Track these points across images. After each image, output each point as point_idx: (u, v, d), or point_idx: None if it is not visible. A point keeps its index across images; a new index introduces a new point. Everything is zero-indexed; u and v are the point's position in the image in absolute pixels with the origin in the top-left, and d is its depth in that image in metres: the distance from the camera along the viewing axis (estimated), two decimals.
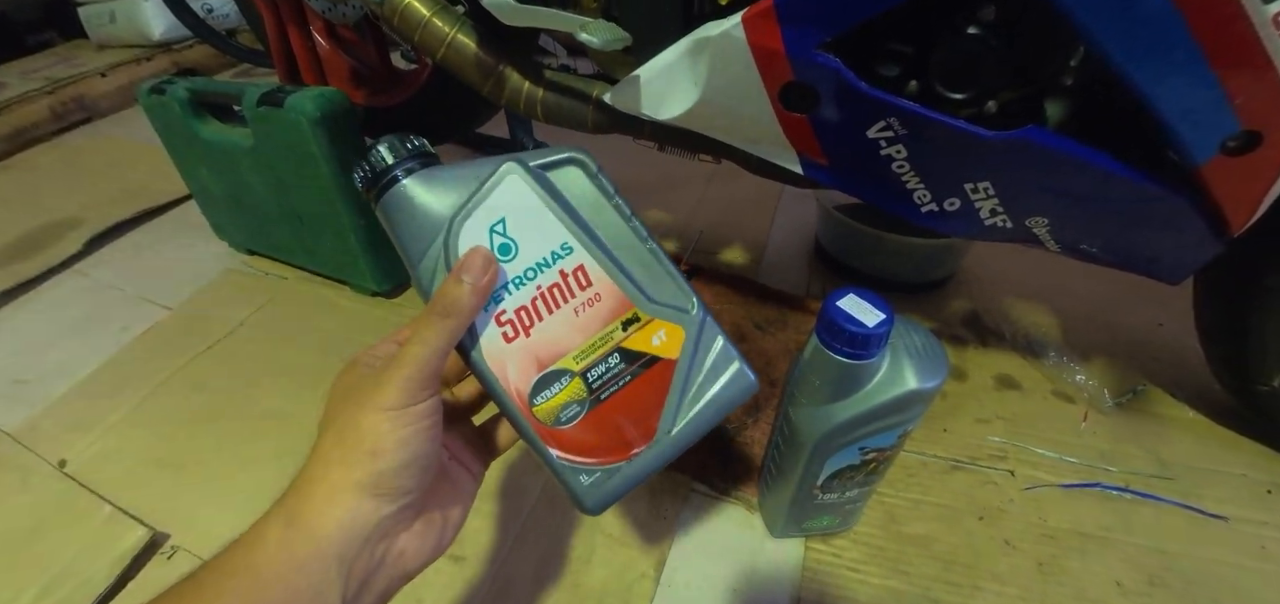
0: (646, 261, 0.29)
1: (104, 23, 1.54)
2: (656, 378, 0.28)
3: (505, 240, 0.27)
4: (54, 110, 1.29)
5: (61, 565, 0.49)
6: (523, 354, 0.27)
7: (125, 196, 0.98)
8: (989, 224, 0.41)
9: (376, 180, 0.27)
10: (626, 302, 0.28)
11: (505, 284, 0.27)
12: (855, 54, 0.36)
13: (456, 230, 0.26)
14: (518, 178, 0.27)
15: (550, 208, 0.27)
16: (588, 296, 0.28)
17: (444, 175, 0.27)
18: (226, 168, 0.70)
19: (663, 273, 0.29)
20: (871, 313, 0.33)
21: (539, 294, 0.27)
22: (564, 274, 0.27)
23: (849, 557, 0.47)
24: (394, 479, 0.24)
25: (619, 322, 0.28)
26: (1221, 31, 0.29)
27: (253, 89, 0.62)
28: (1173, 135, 0.32)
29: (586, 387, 0.27)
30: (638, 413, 0.28)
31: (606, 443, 0.28)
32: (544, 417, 0.27)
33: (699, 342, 0.29)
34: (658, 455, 0.28)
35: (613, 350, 0.28)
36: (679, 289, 0.29)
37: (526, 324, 0.27)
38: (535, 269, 0.27)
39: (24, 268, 0.83)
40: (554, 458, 0.28)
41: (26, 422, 0.62)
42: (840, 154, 0.41)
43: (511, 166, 0.27)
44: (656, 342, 0.28)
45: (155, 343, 0.71)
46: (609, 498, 0.28)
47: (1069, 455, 0.54)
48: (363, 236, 0.67)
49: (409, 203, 0.26)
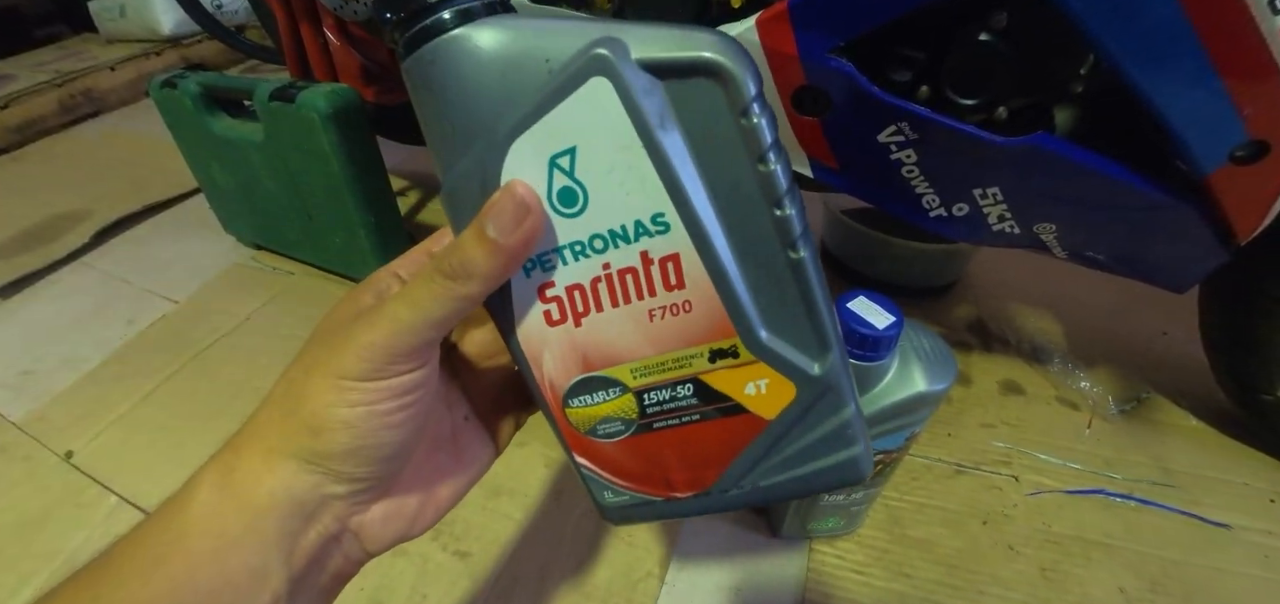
0: (780, 276, 0.19)
1: (113, 17, 1.55)
2: (734, 431, 0.21)
3: (570, 184, 0.18)
4: (62, 103, 1.29)
5: (67, 555, 0.49)
6: (566, 345, 0.20)
7: (133, 190, 0.98)
8: (997, 230, 0.41)
9: (413, 19, 0.17)
10: (728, 326, 0.19)
11: (560, 249, 0.19)
12: (867, 59, 0.36)
13: (503, 147, 0.17)
14: (609, 88, 0.16)
15: (651, 151, 0.17)
16: (673, 301, 0.19)
17: (514, 37, 0.17)
18: (237, 162, 0.71)
19: (797, 301, 0.19)
20: (881, 315, 0.33)
21: (604, 275, 0.19)
22: (647, 259, 0.18)
23: (853, 559, 0.47)
24: (337, 464, 0.19)
25: (707, 348, 0.20)
26: (1231, 41, 0.29)
27: (264, 85, 0.62)
28: (1181, 144, 0.32)
29: (639, 408, 0.21)
30: (695, 458, 0.22)
31: (645, 473, 0.23)
32: (578, 422, 0.22)
33: (813, 408, 0.20)
34: (703, 507, 0.23)
35: (687, 380, 0.20)
36: (814, 331, 0.19)
37: (578, 310, 0.19)
38: (606, 239, 0.18)
39: (32, 260, 0.84)
40: (580, 465, 0.23)
41: (33, 412, 0.62)
42: (851, 158, 0.41)
43: (604, 61, 0.16)
44: (751, 390, 0.20)
45: (162, 336, 0.71)
46: (632, 520, 0.24)
47: (1073, 461, 0.54)
48: (372, 233, 0.68)
49: (452, 71, 0.17)
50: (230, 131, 0.69)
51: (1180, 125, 0.32)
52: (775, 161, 0.17)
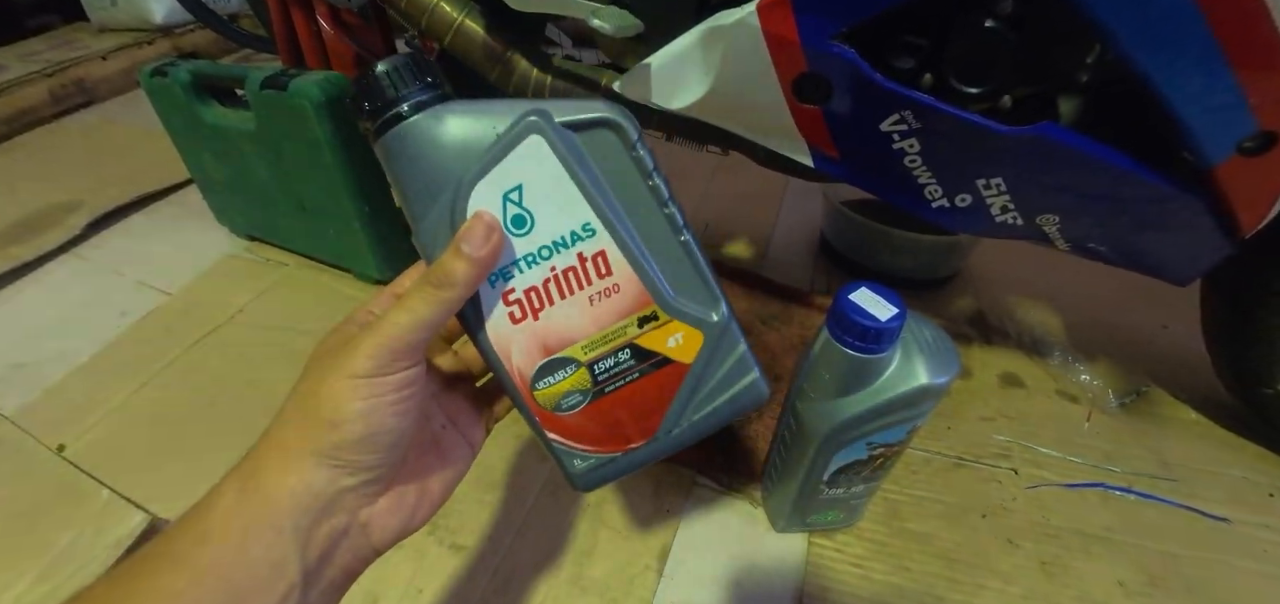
0: (676, 255, 0.26)
1: (105, 6, 1.53)
2: (665, 379, 0.27)
3: (520, 211, 0.24)
4: (54, 93, 1.27)
5: (59, 550, 0.48)
6: (529, 338, 0.25)
7: (125, 180, 0.97)
8: (1000, 221, 0.41)
9: (379, 113, 0.23)
10: (647, 297, 0.26)
11: (516, 261, 0.24)
12: (870, 46, 0.35)
13: (466, 192, 0.23)
14: (541, 141, 0.23)
15: (575, 180, 0.24)
16: (605, 286, 0.25)
17: (459, 117, 0.23)
18: (229, 152, 0.70)
19: (691, 270, 0.27)
20: (884, 307, 0.32)
21: (552, 276, 0.25)
22: (582, 258, 0.25)
23: (852, 552, 0.47)
24: (353, 452, 0.22)
25: (635, 317, 0.26)
26: (1242, 31, 0.28)
27: (256, 73, 0.61)
28: (1189, 134, 0.32)
29: (592, 378, 0.27)
30: (640, 410, 0.28)
31: (604, 434, 0.28)
32: (545, 401, 0.27)
33: (717, 347, 0.27)
34: (655, 452, 0.29)
35: (624, 346, 0.26)
36: (706, 291, 0.27)
37: (536, 307, 0.25)
38: (551, 249, 0.25)
39: (23, 251, 0.82)
40: (552, 441, 0.28)
41: (25, 405, 0.62)
42: (852, 147, 0.40)
43: (536, 124, 0.23)
44: (672, 343, 0.27)
45: (155, 328, 0.71)
46: (600, 481, 0.29)
47: (1073, 455, 0.54)
48: (366, 223, 0.67)
49: (416, 147, 0.23)
50: (222, 120, 0.67)
51: (1188, 115, 0.31)
52: (657, 179, 0.25)
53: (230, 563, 0.21)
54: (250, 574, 0.21)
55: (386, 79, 0.22)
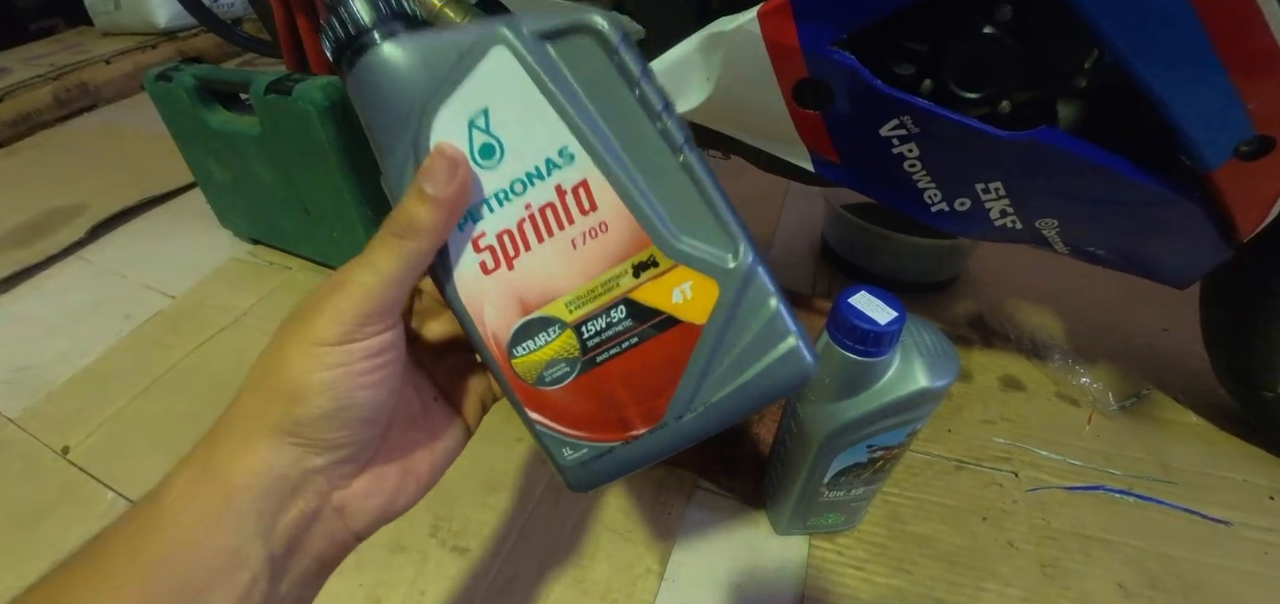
0: (678, 183, 0.21)
1: (109, 9, 1.54)
2: (673, 345, 0.21)
3: (488, 139, 0.20)
4: (58, 97, 1.28)
5: (63, 552, 0.48)
6: (504, 291, 0.21)
7: (129, 184, 0.97)
8: (999, 225, 0.41)
9: (348, 44, 0.20)
10: (642, 237, 0.21)
11: (485, 199, 0.21)
12: (870, 52, 0.36)
13: (428, 121, 0.20)
14: (507, 54, 0.20)
15: (549, 97, 0.20)
16: (590, 225, 0.21)
17: (430, 43, 0.20)
18: (233, 156, 0.70)
19: (699, 201, 0.21)
20: (883, 310, 0.33)
21: (527, 215, 0.21)
22: (561, 191, 0.20)
23: (853, 555, 0.47)
24: (319, 429, 0.19)
25: (630, 263, 0.21)
26: (1239, 37, 0.29)
27: (261, 77, 0.62)
28: (1186, 139, 0.32)
29: (579, 343, 0.22)
30: (643, 386, 0.22)
31: (600, 416, 0.22)
32: (525, 372, 0.22)
33: (739, 303, 0.21)
34: (661, 443, 0.22)
35: (617, 301, 0.21)
36: (720, 227, 0.21)
37: (510, 253, 0.21)
38: (524, 181, 0.20)
39: (27, 254, 0.83)
40: (533, 422, 0.23)
41: (29, 408, 0.62)
42: (852, 151, 0.41)
43: (499, 33, 0.20)
44: (678, 297, 0.21)
45: (159, 331, 0.71)
46: (597, 480, 0.23)
47: (1073, 458, 0.54)
48: (369, 227, 0.67)
49: (384, 77, 0.20)
50: (226, 125, 0.68)
51: (1186, 120, 0.31)
52: (647, 86, 0.20)
53: (184, 554, 0.18)
54: (206, 565, 0.18)
55: (354, 7, 0.20)
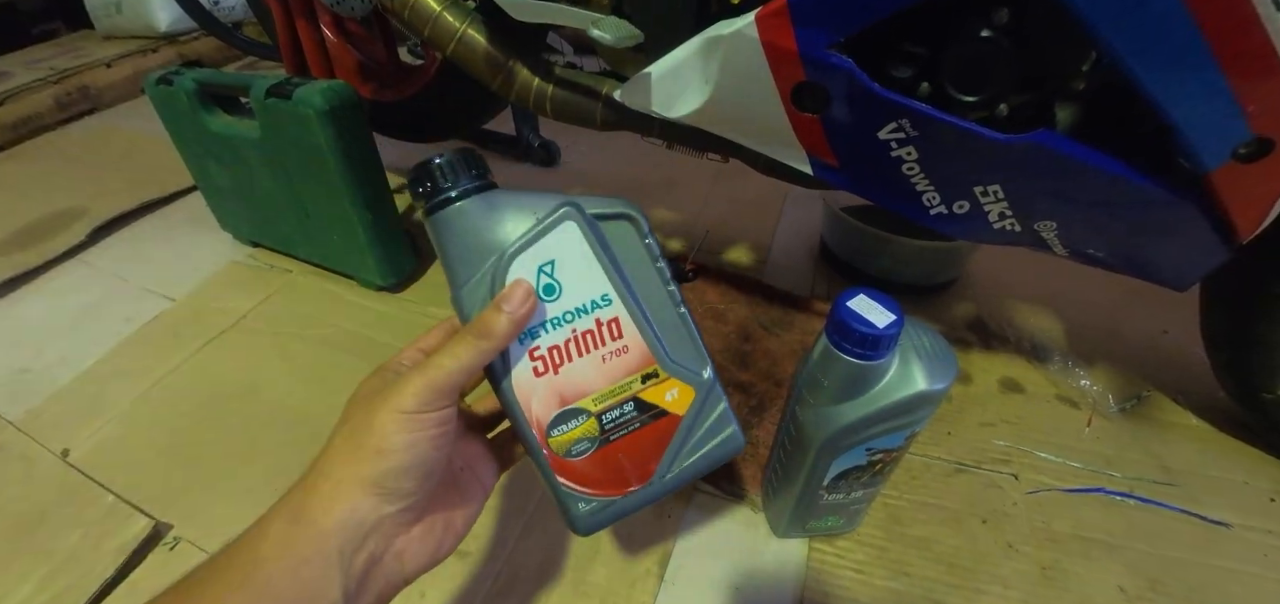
0: (674, 324, 0.31)
1: (109, 13, 1.54)
2: (662, 429, 0.31)
3: (551, 281, 0.29)
4: (59, 100, 1.28)
5: (64, 554, 0.49)
6: (548, 389, 0.29)
7: (130, 187, 0.97)
8: (998, 227, 0.41)
9: (433, 196, 0.28)
10: (650, 358, 0.30)
11: (544, 322, 0.29)
12: (867, 55, 0.36)
13: (506, 263, 0.28)
14: (574, 227, 0.29)
15: (598, 259, 0.29)
16: (617, 347, 0.30)
17: (502, 205, 0.28)
18: (233, 160, 0.70)
19: (686, 336, 0.32)
20: (882, 313, 0.33)
21: (573, 337, 0.29)
22: (599, 323, 0.29)
23: (852, 558, 0.47)
24: (397, 480, 0.25)
25: (640, 374, 0.30)
26: (1235, 38, 0.29)
27: (261, 81, 0.62)
28: (1184, 141, 0.32)
29: (600, 427, 0.30)
30: (639, 456, 0.31)
31: (607, 478, 0.31)
32: (557, 448, 0.30)
33: (705, 403, 0.32)
34: (650, 495, 0.32)
35: (629, 399, 0.30)
36: (697, 354, 0.32)
37: (557, 362, 0.29)
38: (574, 314, 0.29)
39: (28, 257, 0.83)
40: (559, 484, 0.30)
41: (30, 411, 0.62)
42: (851, 155, 0.41)
43: (570, 212, 0.29)
44: (669, 397, 0.31)
45: (159, 334, 0.71)
46: (600, 525, 0.32)
47: (1073, 460, 0.54)
48: (369, 231, 0.67)
49: (463, 226, 0.28)
50: (227, 128, 0.68)
51: (1183, 122, 0.31)
52: (664, 263, 0.32)
53: (282, 583, 0.23)
54: (299, 593, 0.23)
55: (441, 170, 0.28)
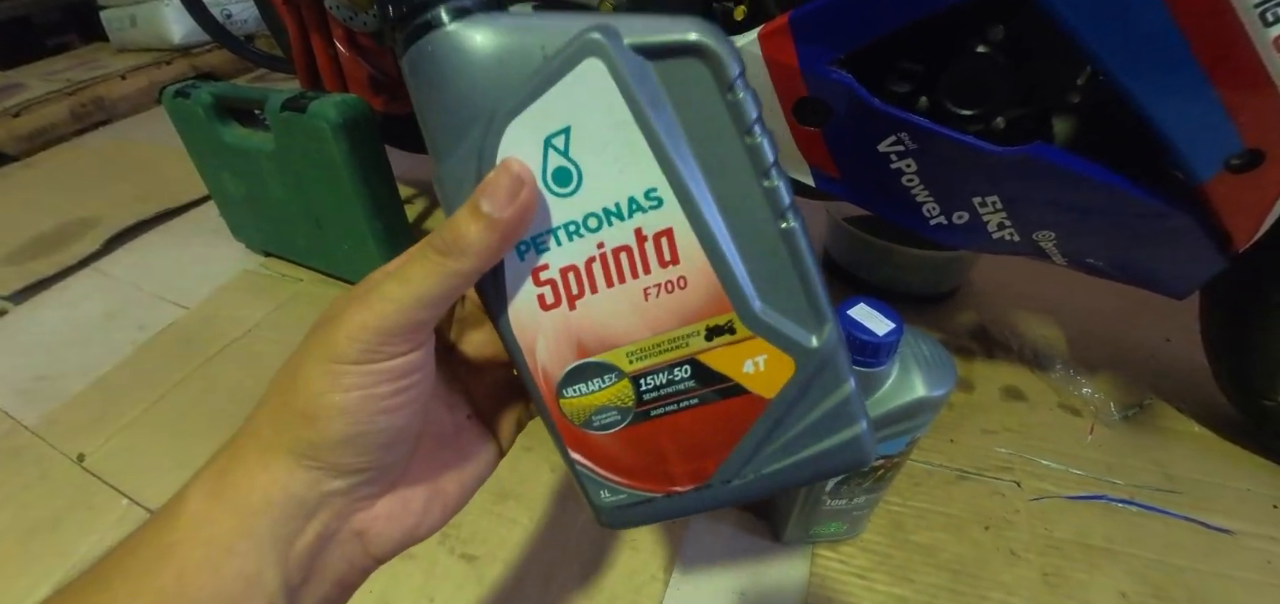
0: (773, 249, 0.19)
1: (124, 26, 1.57)
2: (733, 413, 0.20)
3: (565, 163, 0.18)
4: (74, 111, 1.31)
5: (79, 557, 0.50)
6: (560, 330, 0.20)
7: (143, 197, 0.99)
8: (997, 237, 0.42)
9: (409, 14, 0.18)
10: (723, 300, 0.19)
11: (553, 229, 0.18)
12: (867, 70, 0.37)
13: (499, 129, 0.18)
14: (601, 68, 0.17)
15: (643, 127, 0.17)
16: (668, 278, 0.19)
17: (508, 31, 0.18)
18: (247, 171, 0.72)
19: (791, 272, 0.19)
20: (882, 322, 0.33)
21: (599, 255, 0.19)
22: (641, 235, 0.18)
23: (856, 564, 0.47)
24: (334, 453, 0.18)
25: (704, 325, 0.19)
26: (1223, 52, 0.30)
27: (276, 95, 0.63)
28: (1177, 153, 0.33)
29: (636, 394, 0.20)
30: (695, 446, 0.21)
31: (642, 466, 0.22)
32: (572, 413, 0.21)
33: (812, 383, 0.20)
34: (704, 501, 0.22)
35: (684, 360, 0.20)
36: (809, 305, 0.19)
37: (573, 292, 0.19)
38: (600, 218, 0.18)
39: (44, 266, 0.85)
40: (574, 461, 0.22)
41: (46, 416, 0.63)
42: (851, 167, 0.42)
43: (597, 43, 0.17)
44: (749, 368, 0.20)
45: (172, 342, 0.72)
46: (630, 523, 0.23)
47: (1075, 467, 0.54)
48: (380, 241, 0.69)
49: (446, 65, 0.18)
50: (242, 141, 0.70)
51: (1175, 135, 0.32)
52: (761, 134, 0.18)
53: (198, 580, 0.18)
54: (221, 592, 0.18)
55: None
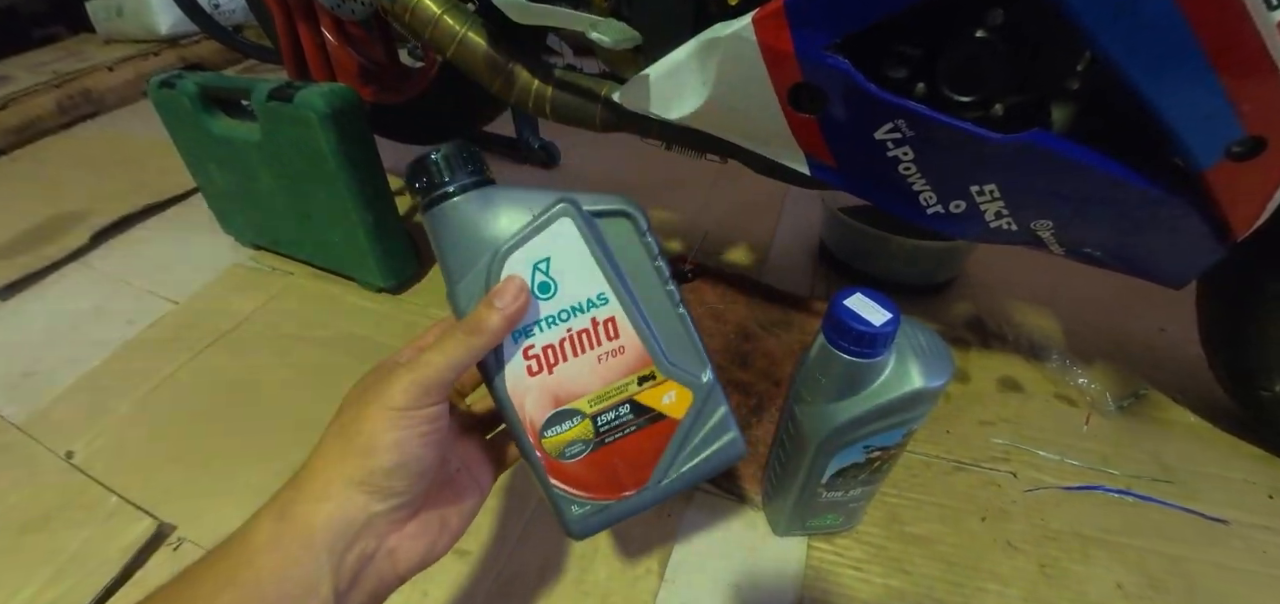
0: (672, 325, 0.30)
1: (111, 17, 1.55)
2: (659, 433, 0.30)
3: (546, 279, 0.28)
4: (61, 104, 1.29)
5: (68, 555, 0.49)
6: (542, 390, 0.29)
7: (132, 190, 0.98)
8: (994, 226, 0.41)
9: (430, 190, 0.27)
10: (647, 359, 0.29)
11: (538, 321, 0.28)
12: (864, 56, 0.36)
13: (501, 259, 0.27)
14: (570, 222, 0.28)
15: (595, 257, 0.28)
16: (613, 348, 0.29)
17: (498, 200, 0.28)
18: (235, 163, 0.71)
19: (686, 338, 0.30)
20: (878, 312, 0.33)
21: (568, 336, 0.28)
22: (595, 322, 0.28)
23: (852, 556, 0.47)
24: (385, 478, 0.25)
25: (636, 376, 0.29)
26: (1226, 38, 0.29)
27: (263, 84, 0.62)
28: (1177, 140, 0.32)
29: (594, 429, 0.30)
30: (635, 460, 0.30)
31: (602, 481, 0.30)
32: (551, 449, 0.29)
33: (704, 407, 0.31)
34: (646, 501, 0.31)
35: (625, 401, 0.30)
36: (697, 356, 0.31)
37: (551, 362, 0.28)
38: (569, 312, 0.28)
39: (31, 260, 0.83)
40: (552, 486, 0.30)
41: (34, 413, 0.62)
42: (848, 155, 0.41)
43: (566, 209, 0.28)
44: (666, 400, 0.30)
45: (161, 336, 0.71)
46: (593, 529, 0.31)
47: (1071, 458, 0.54)
48: (370, 233, 0.68)
49: (460, 221, 0.27)
50: (228, 131, 0.68)
51: (1176, 122, 0.32)
52: (662, 262, 0.30)
53: (271, 581, 0.23)
54: (287, 591, 0.23)
55: (438, 164, 0.27)
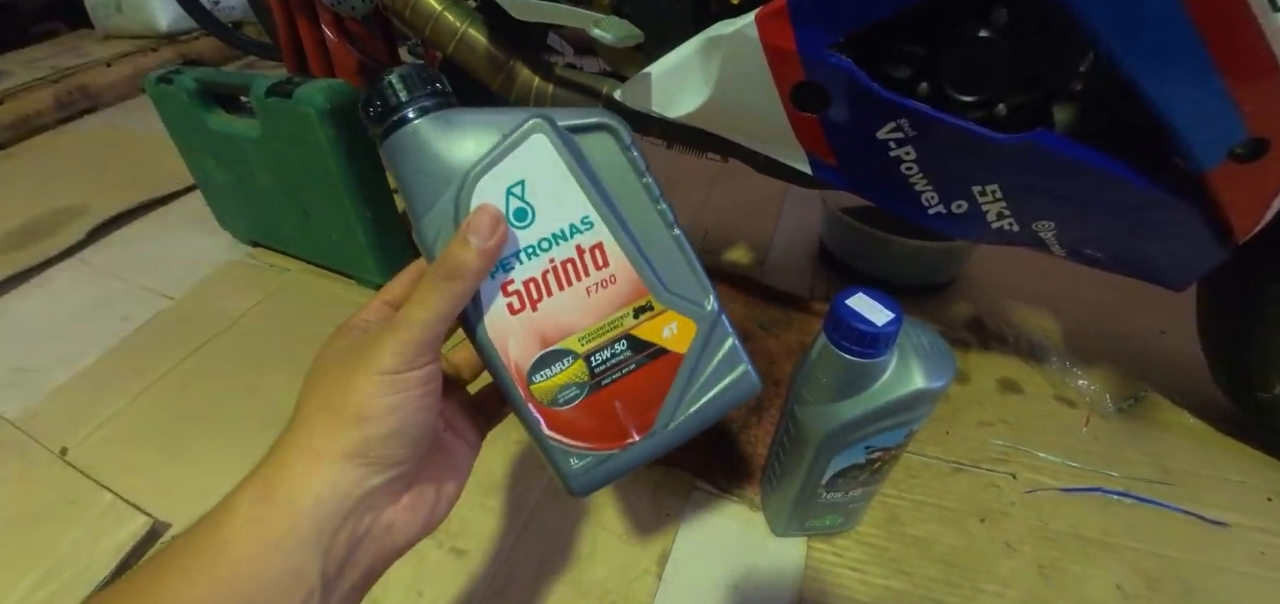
0: (668, 248, 0.27)
1: (110, 12, 1.54)
2: (661, 370, 0.27)
3: (522, 205, 0.25)
4: (58, 99, 1.28)
5: (62, 552, 0.49)
6: (527, 329, 0.26)
7: (129, 186, 0.97)
8: (996, 227, 0.41)
9: (385, 116, 0.24)
10: (642, 288, 0.26)
11: (516, 252, 0.25)
12: (867, 55, 0.36)
13: (470, 186, 0.24)
14: (544, 139, 0.25)
15: (575, 176, 0.25)
16: (602, 277, 0.26)
17: (462, 122, 0.25)
18: (233, 159, 0.70)
19: (683, 263, 0.28)
20: (880, 312, 0.33)
21: (551, 267, 0.25)
22: (581, 250, 0.26)
23: (851, 556, 0.47)
24: (382, 447, 0.22)
25: (631, 308, 0.26)
26: (1231, 39, 0.29)
27: (261, 80, 0.62)
28: (1180, 141, 0.32)
29: (589, 370, 0.26)
30: (637, 402, 0.27)
31: (602, 429, 0.27)
32: (541, 395, 0.26)
33: (709, 339, 0.28)
34: (652, 448, 0.28)
35: (621, 337, 0.26)
36: (698, 282, 0.28)
37: (534, 298, 0.25)
38: (551, 240, 0.25)
39: (27, 256, 0.83)
40: (546, 437, 0.27)
41: (28, 409, 0.62)
42: (850, 155, 0.41)
43: (539, 124, 0.25)
44: (667, 333, 0.27)
45: (157, 333, 0.71)
46: (597, 483, 0.28)
47: (1071, 459, 0.54)
48: (368, 230, 0.67)
49: (420, 147, 0.24)
50: (226, 127, 0.68)
51: (1180, 122, 0.32)
52: (650, 179, 0.27)
53: (249, 574, 0.20)
54: (268, 585, 0.20)
55: (394, 85, 0.24)
